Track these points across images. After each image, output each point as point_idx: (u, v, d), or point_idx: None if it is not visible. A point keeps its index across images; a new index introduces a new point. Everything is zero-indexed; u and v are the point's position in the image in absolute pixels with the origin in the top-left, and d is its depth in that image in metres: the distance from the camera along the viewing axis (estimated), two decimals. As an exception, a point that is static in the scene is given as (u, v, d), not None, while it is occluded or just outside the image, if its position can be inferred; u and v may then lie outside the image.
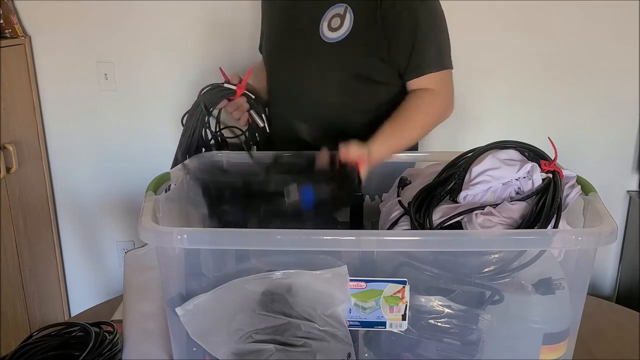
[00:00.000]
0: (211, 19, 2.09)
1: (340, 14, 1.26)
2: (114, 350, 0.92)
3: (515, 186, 0.90)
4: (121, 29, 2.14)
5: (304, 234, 0.78)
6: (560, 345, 0.86)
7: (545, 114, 2.15)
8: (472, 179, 0.90)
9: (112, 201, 2.33)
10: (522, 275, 0.83)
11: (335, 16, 1.26)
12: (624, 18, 2.04)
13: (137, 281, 1.01)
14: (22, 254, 2.09)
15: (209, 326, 0.82)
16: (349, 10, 1.25)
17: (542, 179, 0.88)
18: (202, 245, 0.81)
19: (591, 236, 0.77)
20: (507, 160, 0.91)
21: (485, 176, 0.89)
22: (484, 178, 0.89)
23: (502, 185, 0.90)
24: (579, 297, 0.84)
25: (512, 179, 0.89)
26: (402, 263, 0.83)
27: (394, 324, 0.82)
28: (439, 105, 1.29)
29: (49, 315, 2.27)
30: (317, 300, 0.81)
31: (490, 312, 0.84)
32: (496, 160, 0.90)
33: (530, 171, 0.89)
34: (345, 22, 1.25)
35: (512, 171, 0.89)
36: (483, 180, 0.89)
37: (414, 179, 1.06)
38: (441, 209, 0.90)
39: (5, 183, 1.98)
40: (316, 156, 1.14)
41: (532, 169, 0.88)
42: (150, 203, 0.87)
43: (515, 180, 0.90)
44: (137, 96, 2.21)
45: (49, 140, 2.27)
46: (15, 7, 2.10)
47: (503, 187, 0.90)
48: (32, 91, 2.16)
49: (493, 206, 0.87)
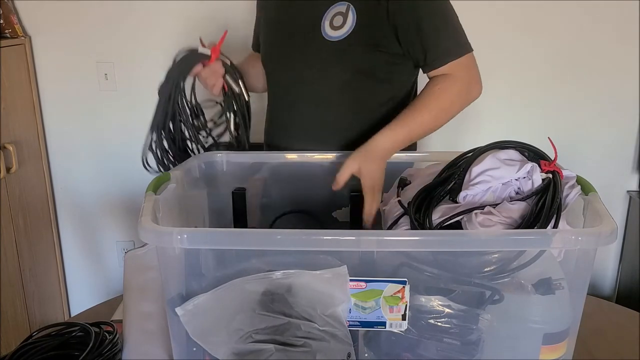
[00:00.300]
0: (211, 18, 2.09)
1: (342, 12, 1.25)
2: (114, 350, 0.92)
3: (515, 186, 0.90)
4: (121, 29, 2.14)
5: (304, 234, 0.78)
6: (560, 345, 0.86)
7: (545, 114, 2.15)
8: (472, 179, 0.90)
9: (112, 201, 2.33)
10: (522, 275, 0.83)
11: (337, 14, 1.25)
12: (624, 18, 2.04)
13: (137, 281, 1.01)
14: (22, 254, 2.09)
15: (209, 326, 0.82)
16: (351, 8, 1.24)
17: (542, 179, 0.88)
18: (202, 245, 0.81)
19: (591, 236, 0.77)
20: (507, 160, 0.91)
21: (485, 176, 0.89)
22: (483, 178, 0.89)
23: (502, 185, 0.90)
24: (579, 297, 0.84)
25: (511, 179, 0.89)
26: (402, 263, 0.83)
27: (394, 324, 0.82)
28: (457, 89, 1.26)
29: (49, 315, 2.27)
30: (317, 300, 0.81)
31: (490, 312, 0.83)
32: (496, 160, 0.90)
33: (530, 171, 0.89)
34: (347, 19, 1.24)
35: (512, 171, 0.89)
36: (483, 180, 0.89)
37: (413, 179, 1.06)
38: (441, 209, 0.90)
39: (5, 183, 1.98)
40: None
41: (532, 169, 0.88)
42: (150, 203, 0.87)
43: (515, 180, 0.90)
44: (137, 96, 2.21)
45: (49, 140, 2.27)
46: (15, 7, 2.10)
47: (503, 187, 0.90)
48: (32, 91, 2.17)
49: (493, 206, 0.87)
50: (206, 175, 1.18)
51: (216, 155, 1.21)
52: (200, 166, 1.17)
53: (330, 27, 1.25)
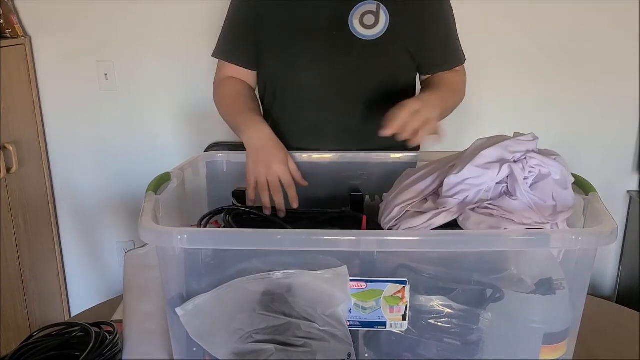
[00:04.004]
0: (211, 18, 2.09)
1: (372, 11, 1.24)
2: (114, 351, 0.92)
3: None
4: (121, 29, 2.14)
5: (304, 234, 0.78)
6: (560, 345, 0.86)
7: (546, 114, 2.15)
8: (450, 189, 0.90)
9: (112, 201, 2.33)
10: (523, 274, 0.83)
11: (367, 13, 1.24)
12: (625, 18, 2.04)
13: (137, 281, 1.01)
14: (22, 253, 2.09)
15: (209, 326, 0.82)
16: (382, 7, 1.25)
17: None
18: (202, 245, 0.81)
19: (591, 236, 0.77)
20: (487, 164, 0.90)
21: (465, 185, 0.90)
22: (463, 187, 0.90)
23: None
24: (579, 297, 0.84)
25: (493, 183, 0.89)
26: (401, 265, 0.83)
27: (394, 324, 0.82)
28: (464, 83, 1.37)
29: (49, 315, 2.27)
30: (317, 300, 0.81)
31: (491, 312, 0.84)
32: (475, 168, 0.90)
33: (511, 173, 0.88)
34: (380, 19, 1.24)
35: (492, 175, 0.89)
36: (462, 189, 0.89)
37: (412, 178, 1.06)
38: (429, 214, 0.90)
39: (6, 183, 1.98)
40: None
41: (512, 170, 0.88)
42: (151, 203, 0.87)
43: (497, 183, 0.90)
44: (137, 96, 2.21)
45: (49, 140, 2.27)
46: (15, 7, 2.10)
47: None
48: (32, 91, 2.17)
49: (489, 204, 0.87)
50: (207, 175, 1.19)
51: (217, 156, 1.21)
52: (201, 166, 1.17)
53: (361, 25, 1.25)
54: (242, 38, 1.34)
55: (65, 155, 2.29)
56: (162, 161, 2.09)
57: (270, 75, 1.36)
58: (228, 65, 1.37)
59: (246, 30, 1.33)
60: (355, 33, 1.25)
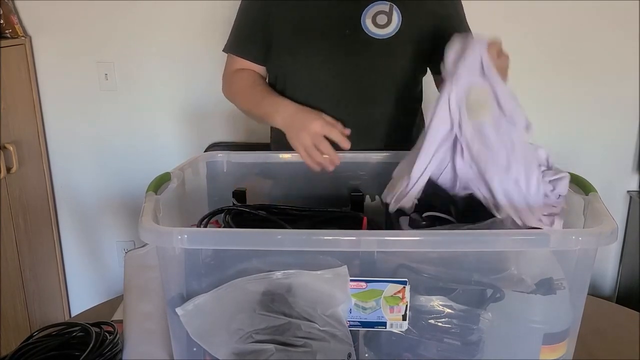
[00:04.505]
0: (211, 18, 2.09)
1: (385, 11, 1.26)
2: (114, 351, 0.92)
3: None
4: (121, 29, 2.14)
5: (304, 234, 0.78)
6: (560, 345, 0.86)
7: (546, 114, 2.15)
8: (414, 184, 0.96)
9: (112, 201, 2.33)
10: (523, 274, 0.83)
11: (380, 13, 1.26)
12: (625, 18, 2.05)
13: (137, 281, 1.01)
14: (22, 253, 2.09)
15: (209, 326, 0.82)
16: (395, 7, 1.26)
17: None
18: (202, 245, 0.81)
19: (591, 236, 0.77)
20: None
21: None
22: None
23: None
24: (579, 297, 0.84)
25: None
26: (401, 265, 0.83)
27: (394, 324, 0.82)
28: None
29: (49, 315, 2.27)
30: (317, 300, 0.81)
31: (491, 312, 0.84)
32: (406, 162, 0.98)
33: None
34: (393, 19, 1.26)
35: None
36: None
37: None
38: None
39: (6, 183, 1.98)
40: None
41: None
42: (151, 203, 0.87)
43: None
44: (137, 96, 2.21)
45: (49, 140, 2.27)
46: (15, 7, 2.11)
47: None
48: (32, 91, 2.17)
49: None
50: (207, 175, 1.18)
51: (217, 156, 1.21)
52: (201, 166, 1.17)
53: (374, 25, 1.26)
54: (253, 35, 1.37)
55: (65, 155, 2.29)
56: (162, 161, 2.08)
57: (282, 73, 1.36)
58: (238, 59, 1.40)
59: (257, 28, 1.35)
60: (369, 32, 1.26)
